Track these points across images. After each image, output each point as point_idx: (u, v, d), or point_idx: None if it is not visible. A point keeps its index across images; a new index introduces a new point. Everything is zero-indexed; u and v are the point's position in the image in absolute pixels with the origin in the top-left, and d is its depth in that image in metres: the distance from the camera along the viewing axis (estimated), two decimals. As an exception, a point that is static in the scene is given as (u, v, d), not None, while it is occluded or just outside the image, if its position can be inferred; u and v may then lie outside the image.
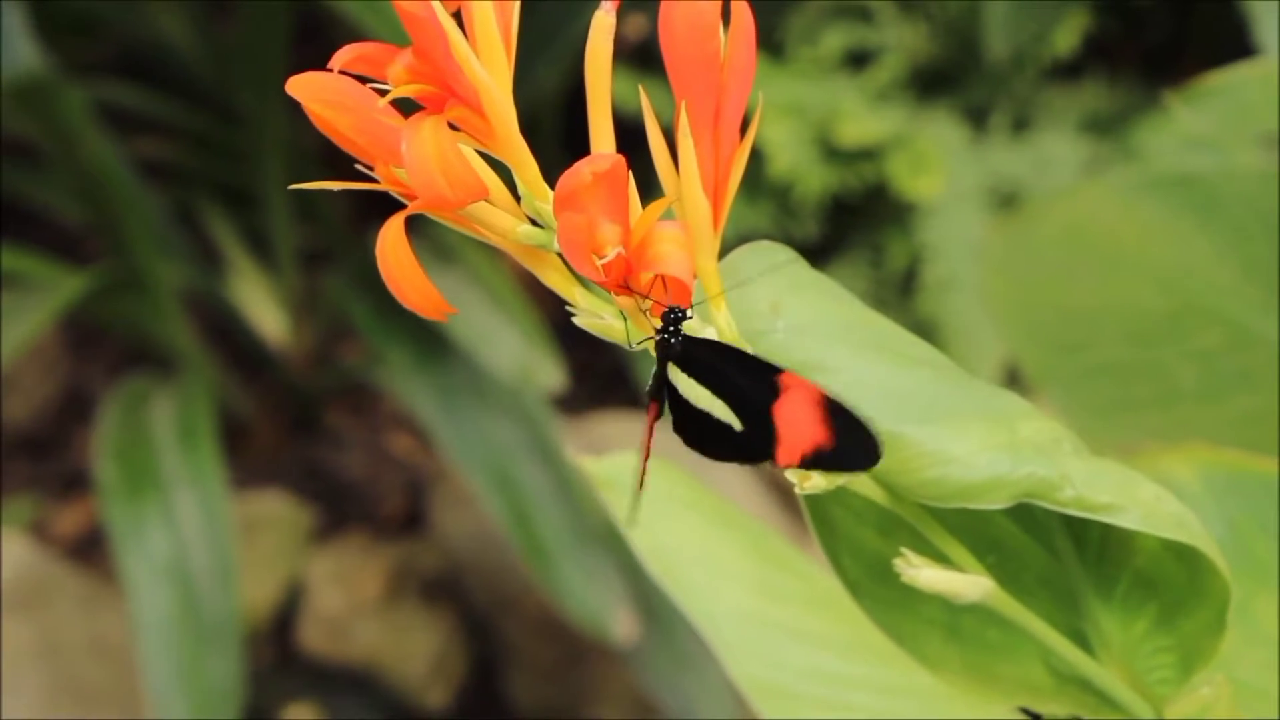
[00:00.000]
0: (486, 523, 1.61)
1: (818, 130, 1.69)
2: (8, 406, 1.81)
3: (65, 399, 1.84)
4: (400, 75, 0.41)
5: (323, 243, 1.85)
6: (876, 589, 0.52)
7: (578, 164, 0.40)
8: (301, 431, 1.81)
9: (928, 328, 1.63)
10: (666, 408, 0.45)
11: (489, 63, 0.42)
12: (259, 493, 1.72)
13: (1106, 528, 0.49)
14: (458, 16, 0.42)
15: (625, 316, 0.44)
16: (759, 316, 0.47)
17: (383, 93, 0.41)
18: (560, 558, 1.41)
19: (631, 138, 0.49)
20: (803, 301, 0.47)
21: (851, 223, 1.76)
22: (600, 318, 0.44)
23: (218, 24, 1.81)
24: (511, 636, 1.64)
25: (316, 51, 0.50)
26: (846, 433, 0.43)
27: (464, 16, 0.42)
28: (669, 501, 0.70)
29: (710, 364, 0.44)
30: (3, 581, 1.58)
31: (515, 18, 0.43)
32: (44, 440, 1.82)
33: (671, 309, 0.43)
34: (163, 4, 1.72)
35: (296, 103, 0.42)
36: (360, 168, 0.43)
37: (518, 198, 0.43)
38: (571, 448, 1.37)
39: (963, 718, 0.60)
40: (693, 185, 0.44)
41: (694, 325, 0.44)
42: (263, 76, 1.62)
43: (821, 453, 0.43)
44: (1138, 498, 0.46)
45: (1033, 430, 0.46)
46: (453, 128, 0.41)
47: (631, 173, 0.41)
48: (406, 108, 0.41)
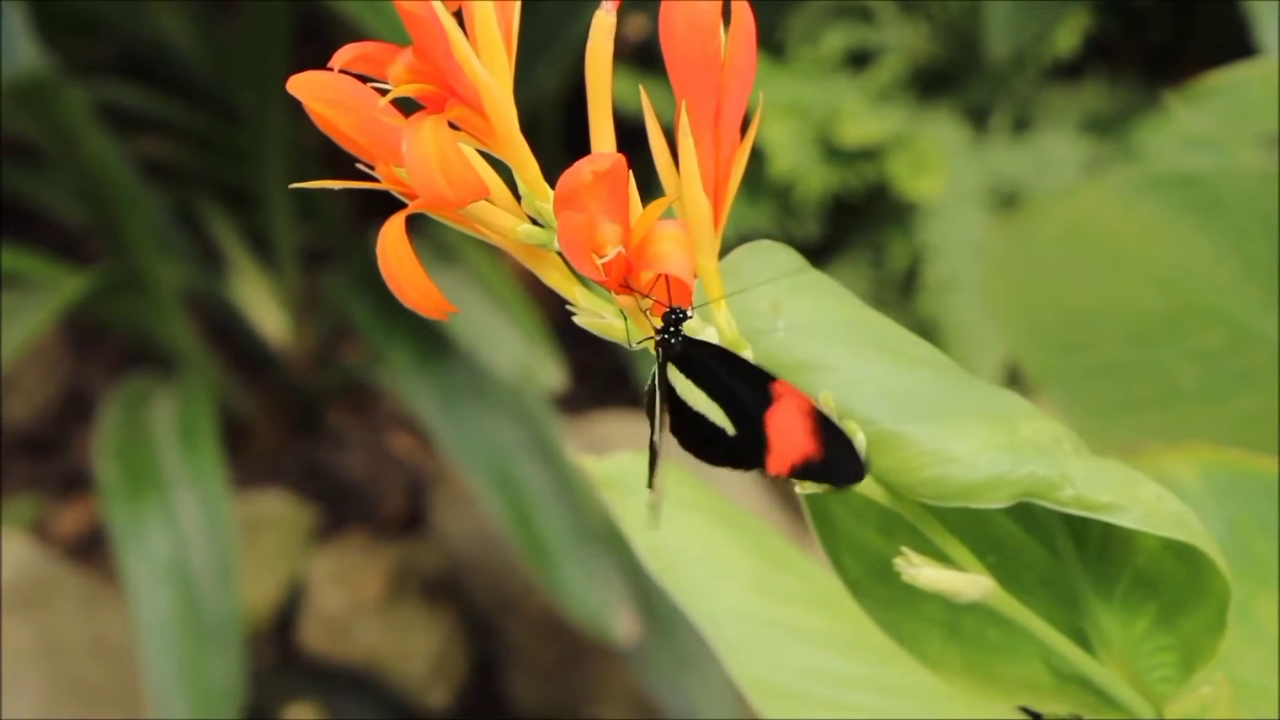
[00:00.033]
0: (487, 523, 1.61)
1: (818, 130, 1.69)
2: (8, 406, 1.81)
3: (66, 399, 1.85)
4: (401, 74, 0.41)
5: (323, 242, 1.85)
6: (877, 588, 0.52)
7: (578, 163, 0.40)
8: (302, 431, 1.81)
9: (928, 328, 1.63)
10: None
11: (489, 62, 0.42)
12: (260, 492, 1.72)
13: (1107, 527, 0.49)
14: (458, 16, 0.42)
15: (626, 316, 0.44)
16: (759, 315, 0.47)
17: (383, 92, 0.41)
18: (561, 557, 1.41)
19: (632, 137, 0.49)
20: (803, 301, 0.47)
21: (852, 222, 1.76)
22: (601, 317, 0.44)
23: (218, 24, 1.81)
24: (512, 636, 1.64)
25: (317, 51, 0.50)
26: (834, 446, 0.43)
27: (465, 16, 0.42)
28: (669, 501, 0.70)
29: (707, 367, 0.44)
30: (3, 581, 1.58)
31: (516, 17, 0.43)
32: (45, 440, 1.82)
33: (672, 309, 0.43)
34: (163, 4, 1.72)
35: (297, 102, 0.42)
36: (361, 167, 0.43)
37: (518, 197, 0.43)
38: (572, 447, 1.37)
39: (963, 717, 0.60)
40: (693, 184, 0.44)
41: (694, 324, 0.44)
42: (263, 76, 1.62)
43: (810, 464, 0.43)
44: (1138, 497, 0.46)
45: (1033, 430, 0.46)
46: (453, 127, 0.41)
47: (632, 172, 0.41)
48: (407, 107, 0.41)
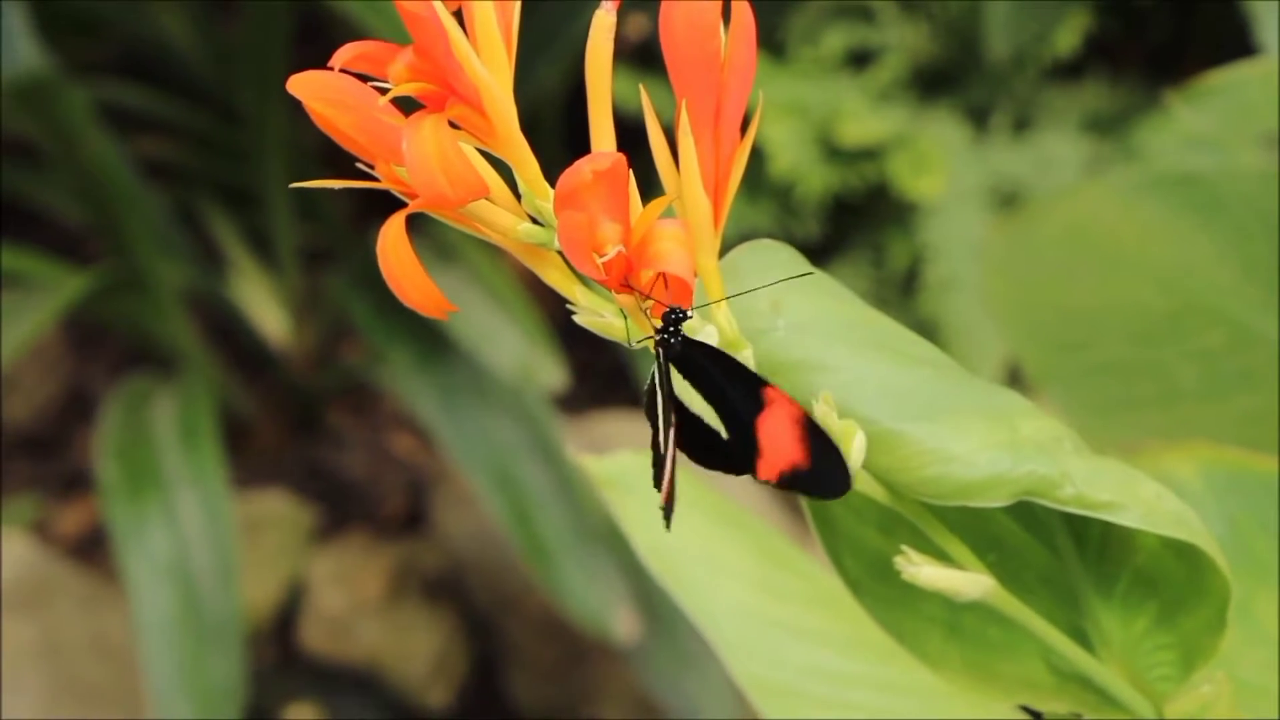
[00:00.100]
0: (488, 522, 1.61)
1: (819, 130, 1.69)
2: (9, 406, 1.81)
3: (67, 399, 1.85)
4: (401, 74, 0.41)
5: (324, 242, 1.85)
6: (877, 587, 0.52)
7: (578, 162, 0.40)
8: (303, 431, 1.82)
9: (929, 327, 1.63)
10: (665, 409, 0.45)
11: (490, 61, 0.42)
12: (260, 492, 1.72)
13: (1107, 526, 0.49)
14: (459, 15, 0.42)
15: (626, 315, 0.44)
16: (759, 315, 0.47)
17: (384, 91, 0.41)
18: (561, 557, 1.41)
19: (632, 136, 0.49)
20: (803, 300, 0.47)
21: (853, 222, 1.76)
22: (601, 316, 0.44)
23: (219, 24, 1.81)
24: (513, 636, 1.64)
25: (317, 51, 0.50)
26: (822, 456, 0.43)
27: (465, 15, 0.42)
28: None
29: (703, 368, 0.44)
30: (4, 581, 1.58)
31: (516, 17, 0.43)
32: (45, 440, 1.82)
33: (672, 309, 0.43)
34: (164, 4, 1.72)
35: (298, 102, 0.42)
36: (361, 166, 0.43)
37: (518, 196, 0.43)
38: (573, 447, 1.37)
39: (963, 716, 0.60)
40: (693, 184, 0.44)
41: (693, 323, 0.44)
42: (264, 76, 1.62)
43: (798, 473, 0.43)
44: (1138, 496, 0.46)
45: (1033, 428, 0.46)
46: (453, 126, 0.41)
47: (632, 171, 0.41)
48: (407, 106, 0.41)
